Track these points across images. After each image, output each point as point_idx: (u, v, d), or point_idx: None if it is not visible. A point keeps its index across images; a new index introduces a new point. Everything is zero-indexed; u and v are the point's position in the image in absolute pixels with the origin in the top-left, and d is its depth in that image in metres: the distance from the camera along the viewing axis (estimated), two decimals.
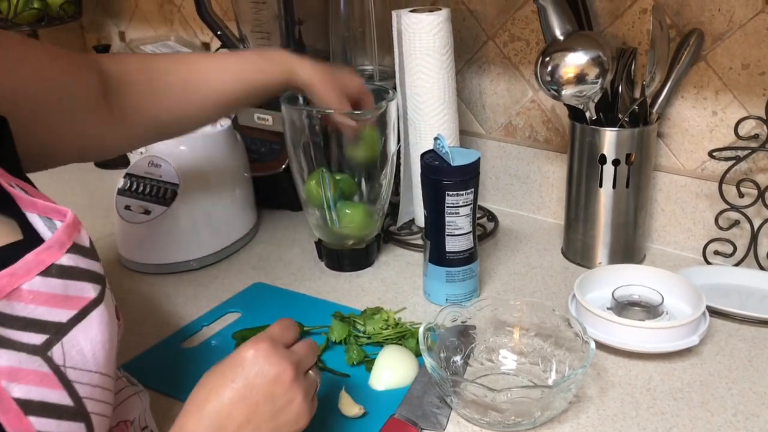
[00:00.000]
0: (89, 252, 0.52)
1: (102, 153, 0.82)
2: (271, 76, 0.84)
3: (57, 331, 0.47)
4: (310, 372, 0.60)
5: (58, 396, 0.46)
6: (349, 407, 0.70)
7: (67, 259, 0.49)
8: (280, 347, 0.57)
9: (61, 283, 0.48)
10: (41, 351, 0.46)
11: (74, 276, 0.49)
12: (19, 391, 0.44)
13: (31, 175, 0.59)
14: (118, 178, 1.04)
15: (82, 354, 0.48)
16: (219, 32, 1.19)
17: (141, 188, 1.01)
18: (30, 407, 0.44)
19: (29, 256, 0.47)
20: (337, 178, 0.96)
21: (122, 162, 1.34)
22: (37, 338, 0.46)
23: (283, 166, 1.13)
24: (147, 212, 0.98)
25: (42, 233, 0.51)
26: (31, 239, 0.50)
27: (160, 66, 0.78)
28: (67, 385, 0.47)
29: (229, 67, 0.82)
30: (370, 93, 0.92)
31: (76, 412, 0.47)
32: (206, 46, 1.50)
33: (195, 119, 0.84)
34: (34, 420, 0.44)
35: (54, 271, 0.48)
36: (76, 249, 0.50)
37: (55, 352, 0.46)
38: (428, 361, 0.69)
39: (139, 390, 0.63)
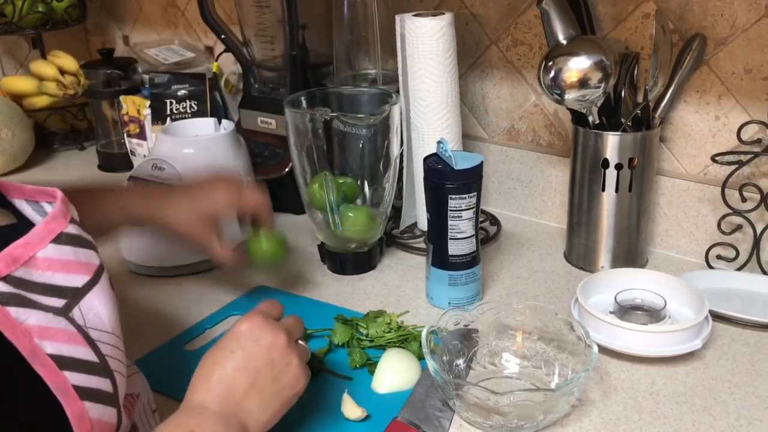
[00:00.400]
0: (83, 225, 0.54)
1: None
2: (112, 220, 0.83)
3: (74, 295, 0.50)
4: (300, 341, 0.66)
5: (86, 353, 0.48)
6: (352, 410, 0.70)
7: (72, 228, 0.52)
8: (271, 319, 0.63)
9: (72, 250, 0.51)
10: (63, 312, 0.48)
11: (81, 243, 0.52)
12: (51, 347, 0.46)
13: (35, 178, 0.60)
14: (121, 181, 1.04)
15: (98, 316, 0.51)
16: (223, 36, 1.19)
17: None
18: (63, 362, 0.47)
19: (39, 227, 0.49)
20: (340, 181, 0.96)
21: (125, 165, 1.35)
22: (57, 302, 0.48)
23: (286, 170, 1.13)
24: None
25: (31, 218, 0.54)
26: (23, 223, 0.53)
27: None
28: (92, 343, 0.49)
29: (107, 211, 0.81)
30: (254, 195, 0.84)
31: (102, 368, 0.49)
32: (210, 50, 1.50)
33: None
34: (68, 374, 0.47)
35: (64, 238, 0.50)
36: (74, 220, 0.53)
37: (76, 314, 0.49)
38: (431, 364, 0.69)
39: (137, 371, 0.66)
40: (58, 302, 0.48)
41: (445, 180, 0.84)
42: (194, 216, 0.82)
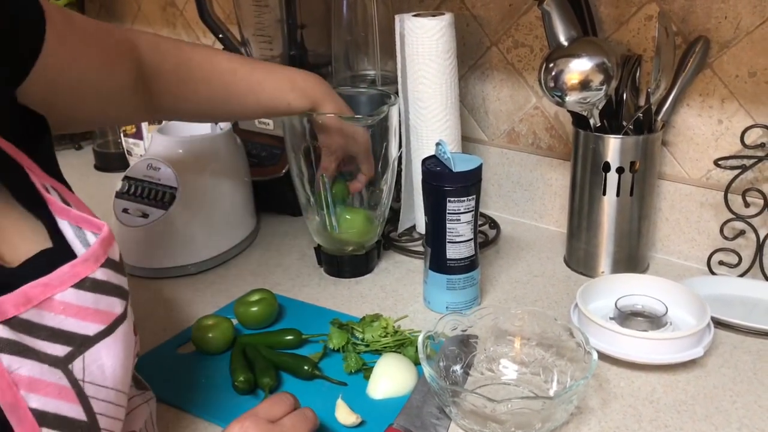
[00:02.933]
0: (119, 267, 0.52)
1: (122, 124, 0.99)
2: (294, 109, 0.86)
3: (81, 344, 0.47)
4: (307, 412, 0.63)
5: (74, 410, 0.46)
6: (346, 416, 0.69)
7: (100, 274, 0.49)
8: (263, 423, 0.59)
9: (92, 297, 0.48)
10: (62, 363, 0.46)
11: (106, 290, 0.50)
12: (37, 401, 0.44)
13: None
14: (116, 181, 1.03)
15: (102, 370, 0.48)
16: (221, 35, 1.18)
17: (139, 191, 1.00)
18: (45, 419, 0.44)
19: (65, 268, 0.47)
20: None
21: (121, 165, 1.34)
22: (60, 350, 0.46)
23: (284, 171, 1.12)
24: (145, 216, 0.97)
25: (71, 241, 0.51)
26: (61, 248, 0.51)
27: (195, 70, 0.79)
28: (84, 400, 0.47)
29: (258, 90, 0.83)
30: (369, 161, 0.94)
31: (89, 427, 0.47)
32: None
33: (213, 119, 0.96)
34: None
35: (88, 284, 0.48)
36: (109, 263, 0.51)
37: (76, 366, 0.47)
38: (427, 371, 0.68)
39: (149, 398, 0.63)
40: (62, 350, 0.46)
41: (444, 182, 0.83)
42: (341, 138, 0.89)
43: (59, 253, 0.50)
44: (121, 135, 1.33)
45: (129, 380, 0.52)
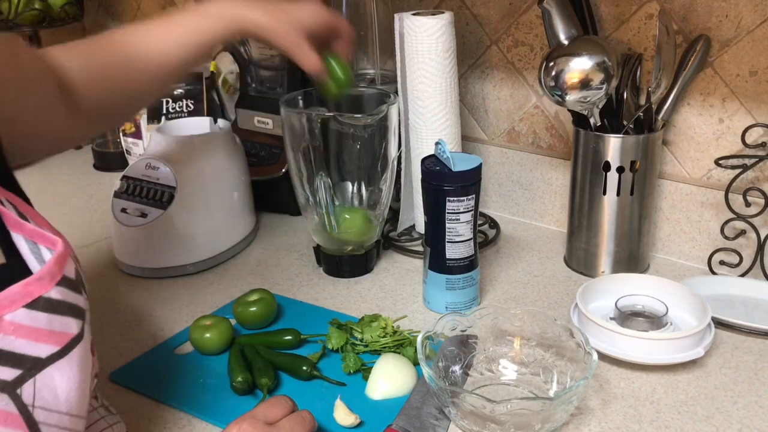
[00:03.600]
0: (76, 285, 0.49)
1: (72, 143, 0.82)
2: (213, 33, 0.78)
3: (32, 366, 0.44)
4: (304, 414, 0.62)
5: None
6: (345, 417, 0.69)
7: (55, 293, 0.46)
8: (261, 425, 0.58)
9: (46, 317, 0.45)
10: (10, 387, 0.43)
11: (60, 311, 0.47)
12: None
13: (31, 177, 0.56)
14: (115, 181, 1.03)
15: (55, 394, 0.46)
16: None
17: (138, 191, 0.99)
18: None
19: (16, 287, 0.44)
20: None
21: (120, 164, 1.33)
22: (8, 373, 0.43)
23: (283, 170, 1.11)
24: (143, 215, 0.97)
25: (25, 257, 0.48)
26: (15, 263, 0.48)
27: (104, 50, 0.74)
28: (33, 426, 0.44)
29: (167, 36, 0.76)
30: (342, 20, 0.85)
31: None
32: None
33: (149, 93, 0.82)
34: None
35: (41, 304, 0.45)
36: (65, 282, 0.48)
37: (26, 390, 0.44)
38: (426, 371, 0.67)
39: (114, 421, 0.61)
40: (11, 374, 0.43)
41: (443, 182, 0.82)
42: (287, 22, 0.79)
43: (13, 269, 0.47)
44: (121, 134, 1.32)
45: (86, 404, 0.50)
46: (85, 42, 0.74)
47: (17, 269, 0.46)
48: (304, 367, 0.76)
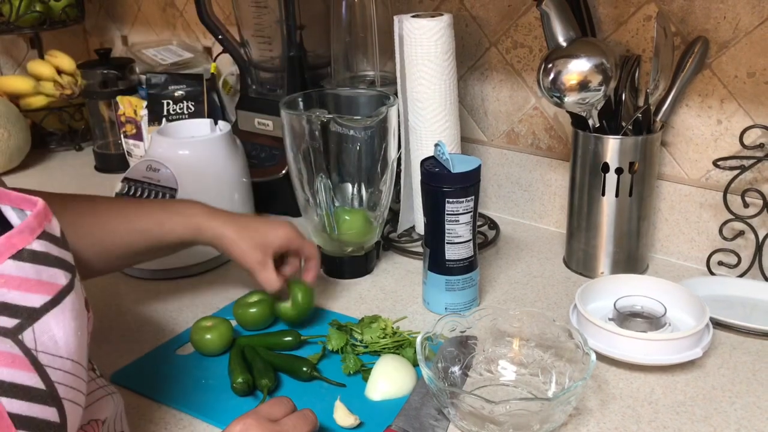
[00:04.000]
0: (60, 241, 0.52)
1: None
2: (176, 233, 0.81)
3: (29, 315, 0.47)
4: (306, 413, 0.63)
5: (30, 378, 0.46)
6: (345, 418, 0.69)
7: (38, 245, 0.49)
8: (265, 422, 0.59)
9: (33, 268, 0.48)
10: (12, 333, 0.45)
11: (46, 262, 0.49)
12: None
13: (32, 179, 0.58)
14: (116, 182, 1.03)
15: (54, 340, 0.48)
16: (220, 36, 1.19)
17: (139, 193, 1.00)
18: (1, 387, 0.44)
19: (1, 239, 0.47)
20: None
21: (121, 166, 1.34)
22: (8, 322, 0.45)
23: (283, 172, 1.12)
24: None
25: (15, 225, 0.50)
26: (5, 230, 0.50)
27: (77, 223, 0.77)
28: (39, 368, 0.46)
29: (133, 223, 0.80)
30: (308, 243, 0.86)
31: (48, 396, 0.47)
32: (208, 51, 1.50)
33: (113, 267, 0.86)
34: (4, 401, 0.44)
35: (26, 255, 0.48)
36: (46, 236, 0.50)
37: (26, 336, 0.46)
38: (425, 372, 0.68)
39: (112, 392, 0.63)
40: (10, 322, 0.46)
41: (442, 183, 0.83)
42: (255, 241, 0.82)
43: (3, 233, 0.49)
44: (122, 136, 1.33)
45: (85, 354, 0.52)
46: (71, 209, 0.76)
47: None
48: (304, 368, 0.76)
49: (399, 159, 1.02)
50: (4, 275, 0.46)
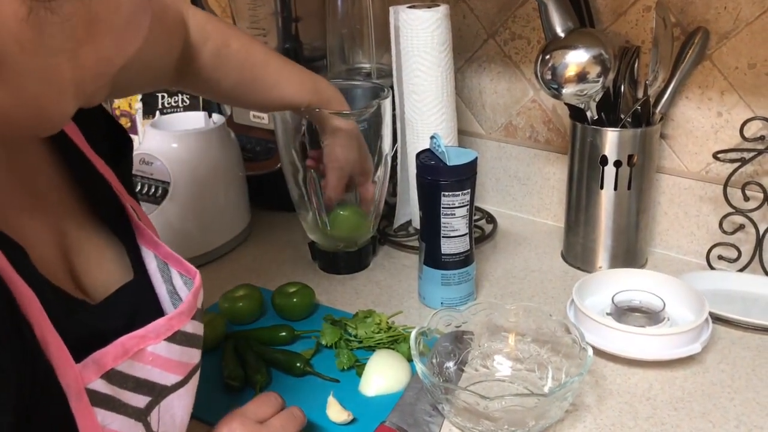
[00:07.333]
0: (201, 315, 0.52)
1: (143, 91, 1.05)
2: (308, 108, 0.85)
3: (159, 393, 0.47)
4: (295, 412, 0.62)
5: None
6: (338, 413, 0.68)
7: (190, 326, 0.49)
8: (251, 424, 0.58)
9: (179, 350, 0.48)
10: (143, 415, 0.46)
11: (192, 343, 0.50)
12: None
13: None
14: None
15: (174, 419, 0.48)
16: None
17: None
18: None
19: (162, 321, 0.47)
20: None
21: None
22: (142, 400, 0.45)
23: (278, 165, 1.10)
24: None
25: (152, 274, 0.52)
26: (142, 280, 0.51)
27: (231, 56, 0.78)
28: None
29: (284, 85, 0.82)
30: (370, 180, 0.93)
31: None
32: None
33: (233, 103, 1.02)
34: None
35: (178, 337, 0.48)
36: (197, 315, 0.50)
37: (153, 417, 0.46)
38: (419, 367, 0.67)
39: None
40: (143, 401, 0.45)
41: (438, 176, 0.82)
42: (346, 155, 0.88)
43: (140, 286, 0.50)
44: None
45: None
46: (222, 36, 0.77)
47: (144, 287, 0.49)
48: (298, 364, 0.75)
49: (395, 152, 1.01)
50: (154, 354, 0.46)
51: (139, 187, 0.98)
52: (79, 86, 0.39)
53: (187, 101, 1.25)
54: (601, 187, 0.91)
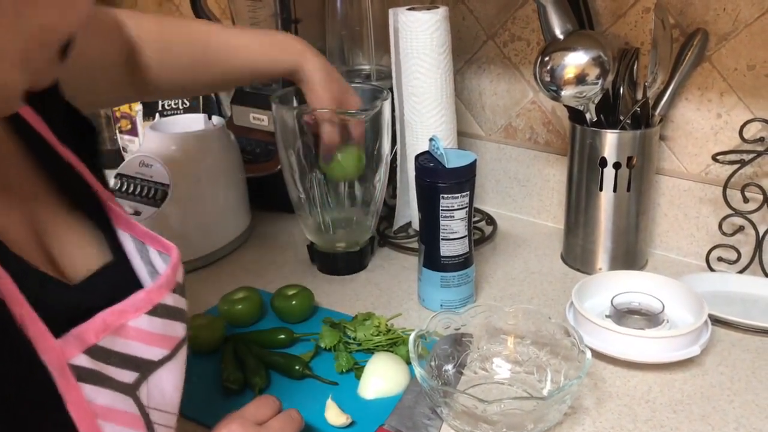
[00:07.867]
0: (183, 290, 0.52)
1: (112, 104, 0.99)
2: (279, 66, 0.84)
3: (147, 369, 0.47)
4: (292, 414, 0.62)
5: None
6: (336, 417, 0.68)
7: (170, 299, 0.49)
8: (250, 426, 0.58)
9: (161, 323, 0.48)
10: (132, 390, 0.46)
11: (173, 316, 0.49)
12: (111, 430, 0.43)
13: None
14: (109, 178, 1.02)
15: (163, 394, 0.48)
16: None
17: (131, 188, 0.99)
18: None
19: (140, 294, 0.47)
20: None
21: (116, 162, 1.33)
22: (129, 376, 0.45)
23: (278, 167, 1.10)
24: (137, 213, 0.96)
25: (130, 255, 0.51)
26: (120, 261, 0.51)
27: (174, 36, 0.78)
28: (150, 427, 0.46)
29: (241, 50, 0.81)
30: (362, 122, 0.90)
31: None
32: None
33: (201, 88, 0.93)
34: None
35: (159, 310, 0.48)
36: (178, 288, 0.50)
37: (142, 392, 0.46)
38: (418, 371, 0.67)
39: None
40: (130, 376, 0.45)
41: (437, 179, 0.82)
42: (332, 94, 0.85)
43: (119, 267, 0.49)
44: (117, 132, 1.32)
45: (179, 403, 0.52)
46: (160, 23, 0.77)
47: (122, 268, 0.49)
48: (297, 367, 0.75)
49: (395, 154, 1.01)
50: (136, 329, 0.46)
51: (138, 190, 0.98)
52: (23, 55, 0.38)
53: (187, 103, 1.25)
54: (601, 189, 0.91)
